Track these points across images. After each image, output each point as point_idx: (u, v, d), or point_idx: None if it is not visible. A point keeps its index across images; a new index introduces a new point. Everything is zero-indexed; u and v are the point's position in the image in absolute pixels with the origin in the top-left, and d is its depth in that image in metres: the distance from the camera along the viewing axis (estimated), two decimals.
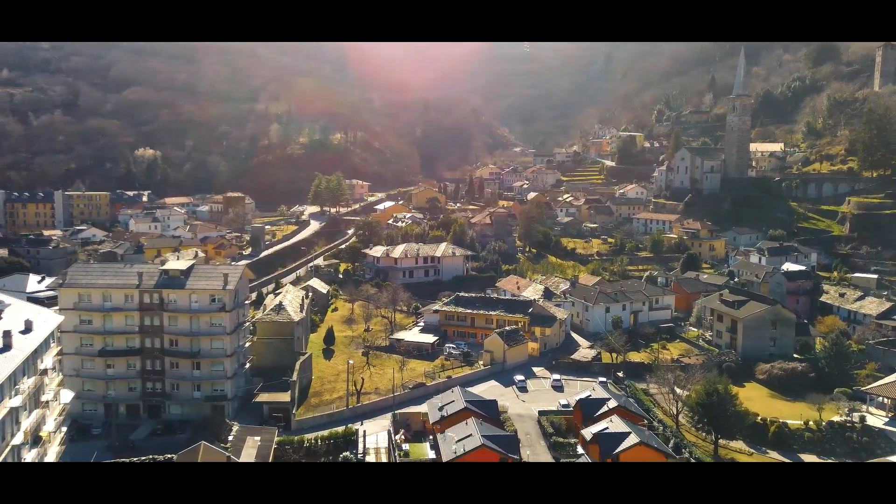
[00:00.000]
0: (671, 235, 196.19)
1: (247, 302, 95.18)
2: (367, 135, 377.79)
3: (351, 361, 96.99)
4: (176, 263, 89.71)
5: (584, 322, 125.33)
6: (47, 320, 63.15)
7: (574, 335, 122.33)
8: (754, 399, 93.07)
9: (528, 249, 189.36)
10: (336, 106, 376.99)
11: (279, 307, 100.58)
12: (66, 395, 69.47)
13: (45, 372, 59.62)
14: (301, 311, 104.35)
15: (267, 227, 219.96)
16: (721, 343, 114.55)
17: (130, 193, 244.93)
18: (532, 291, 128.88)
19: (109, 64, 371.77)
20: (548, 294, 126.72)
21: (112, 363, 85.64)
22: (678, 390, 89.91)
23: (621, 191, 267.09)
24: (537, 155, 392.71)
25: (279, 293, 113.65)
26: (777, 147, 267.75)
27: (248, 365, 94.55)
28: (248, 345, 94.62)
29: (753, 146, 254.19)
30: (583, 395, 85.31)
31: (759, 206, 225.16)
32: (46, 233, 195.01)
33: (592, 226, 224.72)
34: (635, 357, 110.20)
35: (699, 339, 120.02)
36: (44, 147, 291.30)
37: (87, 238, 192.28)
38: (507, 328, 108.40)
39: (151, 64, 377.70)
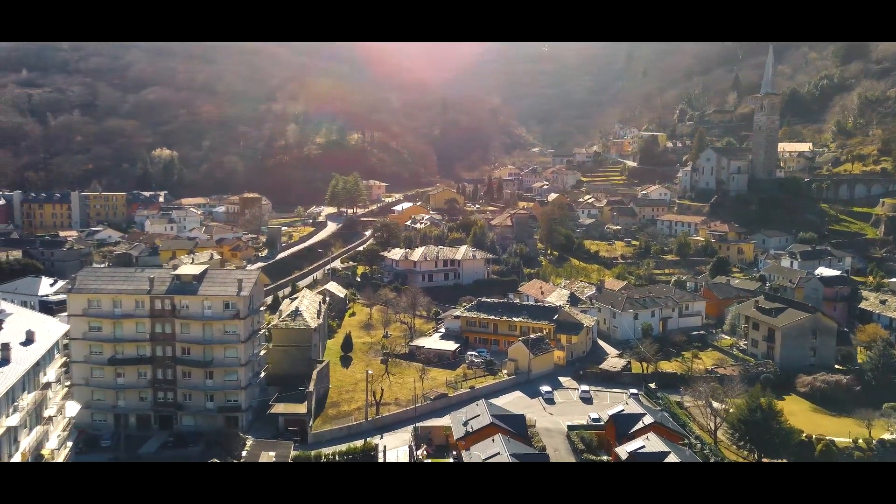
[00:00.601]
0: (698, 238, 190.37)
1: (262, 309, 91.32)
2: (385, 135, 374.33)
3: (370, 372, 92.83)
4: (188, 268, 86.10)
5: (612, 329, 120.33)
6: (51, 330, 59.62)
7: (601, 343, 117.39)
8: (796, 414, 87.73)
9: (549, 252, 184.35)
10: (354, 106, 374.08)
11: (295, 313, 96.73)
12: (73, 408, 66.05)
13: (47, 386, 56.02)
14: (318, 318, 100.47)
15: (283, 228, 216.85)
16: (757, 353, 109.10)
17: (147, 194, 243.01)
18: (557, 297, 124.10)
19: (128, 64, 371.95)
20: (573, 300, 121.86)
21: (122, 372, 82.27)
22: (715, 404, 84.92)
23: (644, 192, 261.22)
24: (556, 155, 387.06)
25: (295, 298, 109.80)
26: (805, 147, 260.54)
27: (262, 374, 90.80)
28: (263, 353, 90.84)
29: (781, 146, 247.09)
30: (615, 409, 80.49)
31: (787, 208, 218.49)
32: (62, 234, 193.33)
33: (615, 228, 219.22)
34: (667, 367, 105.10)
35: (733, 347, 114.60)
36: (62, 147, 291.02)
37: (103, 239, 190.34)
38: (532, 336, 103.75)
39: (170, 64, 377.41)
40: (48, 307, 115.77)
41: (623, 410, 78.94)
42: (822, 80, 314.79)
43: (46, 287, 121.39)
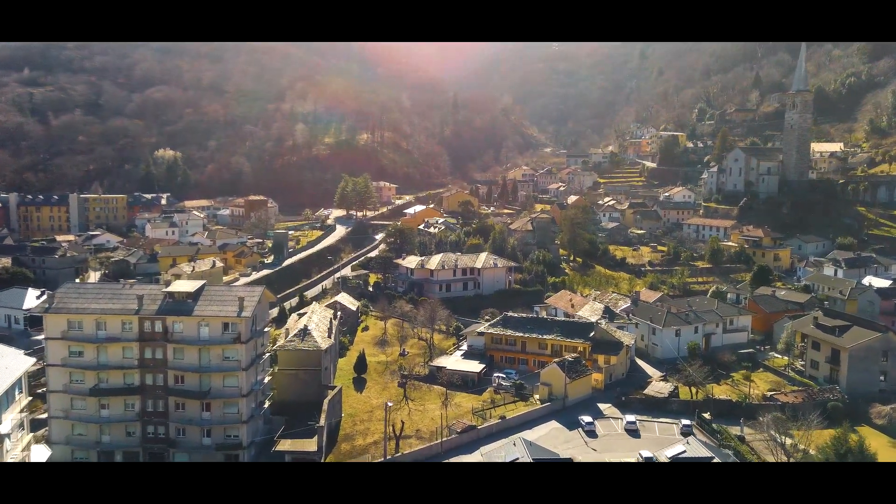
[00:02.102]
0: (731, 244, 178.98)
1: (266, 330, 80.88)
2: (396, 135, 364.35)
3: (389, 404, 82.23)
4: (182, 284, 75.68)
5: (651, 347, 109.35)
6: (11, 366, 49.38)
7: (640, 363, 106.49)
8: (877, 451, 76.50)
9: (572, 259, 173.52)
10: (364, 105, 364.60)
11: (304, 332, 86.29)
12: (41, 453, 55.81)
13: (1, 439, 45.75)
14: (329, 337, 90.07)
15: (290, 232, 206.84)
16: (818, 376, 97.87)
17: (149, 196, 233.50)
18: (590, 311, 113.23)
19: (134, 63, 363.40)
20: (608, 314, 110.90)
21: (107, 403, 72.02)
22: (783, 438, 73.94)
23: (666, 194, 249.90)
24: (570, 156, 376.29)
25: (303, 314, 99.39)
26: (836, 147, 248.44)
27: (267, 403, 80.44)
28: (267, 379, 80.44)
29: (811, 146, 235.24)
30: (674, 451, 69.55)
31: (822, 212, 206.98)
32: (59, 238, 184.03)
33: (639, 232, 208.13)
34: (717, 391, 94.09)
35: (787, 368, 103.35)
36: (64, 148, 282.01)
37: (101, 244, 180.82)
38: (567, 357, 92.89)
39: (177, 63, 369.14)
40: (35, 321, 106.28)
41: (684, 452, 68.08)
42: (848, 78, 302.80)
43: (33, 299, 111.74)
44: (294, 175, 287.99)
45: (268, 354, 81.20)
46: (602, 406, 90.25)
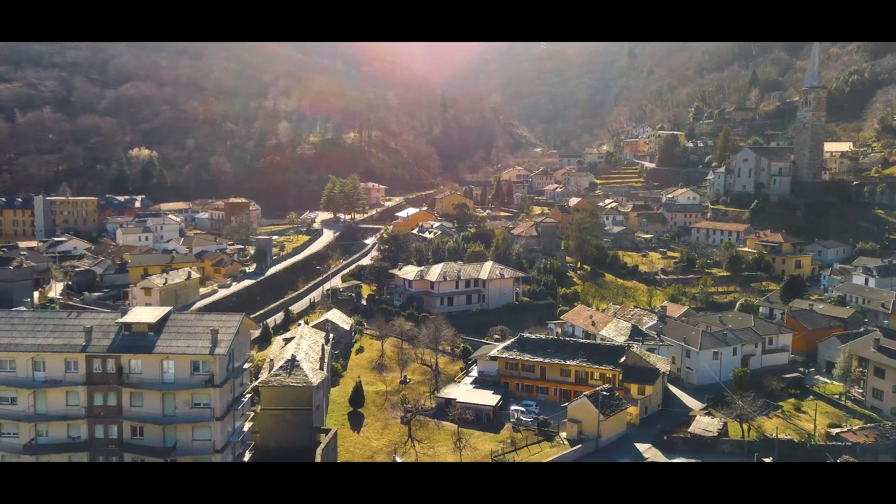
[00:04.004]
0: (747, 250, 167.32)
1: (247, 367, 66.99)
2: (384, 134, 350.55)
3: (397, 458, 68.66)
4: (142, 313, 61.48)
5: (685, 371, 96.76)
6: None
7: (672, 389, 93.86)
8: None
9: (579, 266, 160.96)
10: (350, 103, 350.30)
11: (292, 364, 72.54)
12: None
13: None
14: (321, 369, 76.41)
15: (274, 237, 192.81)
16: (882, 407, 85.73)
17: (121, 199, 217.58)
18: (614, 330, 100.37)
19: (109, 58, 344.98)
20: (636, 333, 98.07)
21: (46, 462, 57.85)
22: None
23: (669, 195, 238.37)
24: (563, 156, 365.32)
25: (290, 339, 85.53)
26: (844, 147, 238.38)
27: (248, 455, 66.58)
28: (248, 426, 66.57)
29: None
30: None
31: (838, 215, 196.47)
32: (22, 244, 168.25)
33: (646, 236, 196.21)
34: (767, 425, 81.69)
35: (843, 397, 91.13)
36: (31, 147, 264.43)
37: (67, 251, 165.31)
38: (600, 389, 79.88)
39: (154, 59, 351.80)
40: None
41: None
42: (851, 76, 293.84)
43: None
44: (278, 176, 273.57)
45: (248, 395, 67.23)
46: (641, 447, 77.31)
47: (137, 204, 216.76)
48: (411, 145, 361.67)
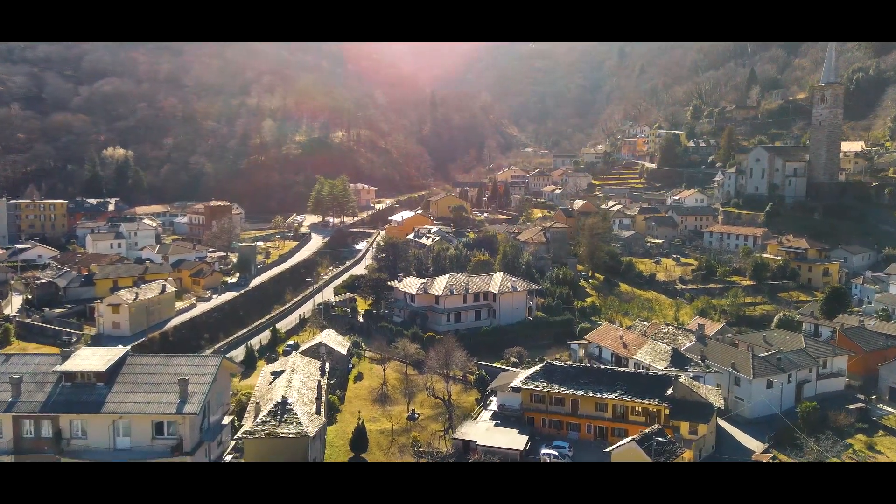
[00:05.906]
0: (770, 256, 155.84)
1: (225, 422, 53.34)
2: (372, 133, 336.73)
3: None
4: (88, 357, 47.47)
5: (735, 403, 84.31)
6: None
7: (723, 425, 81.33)
8: None
9: (591, 275, 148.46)
10: (337, 101, 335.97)
11: (283, 407, 58.95)
12: None
13: None
14: (318, 413, 62.91)
15: (259, 243, 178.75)
16: None
17: (93, 202, 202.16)
18: (651, 353, 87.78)
19: (83, 53, 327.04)
20: (678, 358, 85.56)
21: None
22: None
23: (675, 197, 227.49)
24: (557, 156, 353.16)
25: (279, 373, 71.85)
26: (857, 146, 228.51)
27: None
28: None
29: None
30: None
31: (857, 218, 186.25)
32: None
33: (657, 241, 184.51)
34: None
35: None
36: None
37: (31, 260, 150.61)
38: (650, 431, 67.18)
39: (131, 54, 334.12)
40: None
41: None
42: (856, 74, 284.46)
43: None
44: (262, 177, 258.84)
45: (229, 457, 53.59)
46: None
47: (111, 207, 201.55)
48: (401, 145, 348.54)
